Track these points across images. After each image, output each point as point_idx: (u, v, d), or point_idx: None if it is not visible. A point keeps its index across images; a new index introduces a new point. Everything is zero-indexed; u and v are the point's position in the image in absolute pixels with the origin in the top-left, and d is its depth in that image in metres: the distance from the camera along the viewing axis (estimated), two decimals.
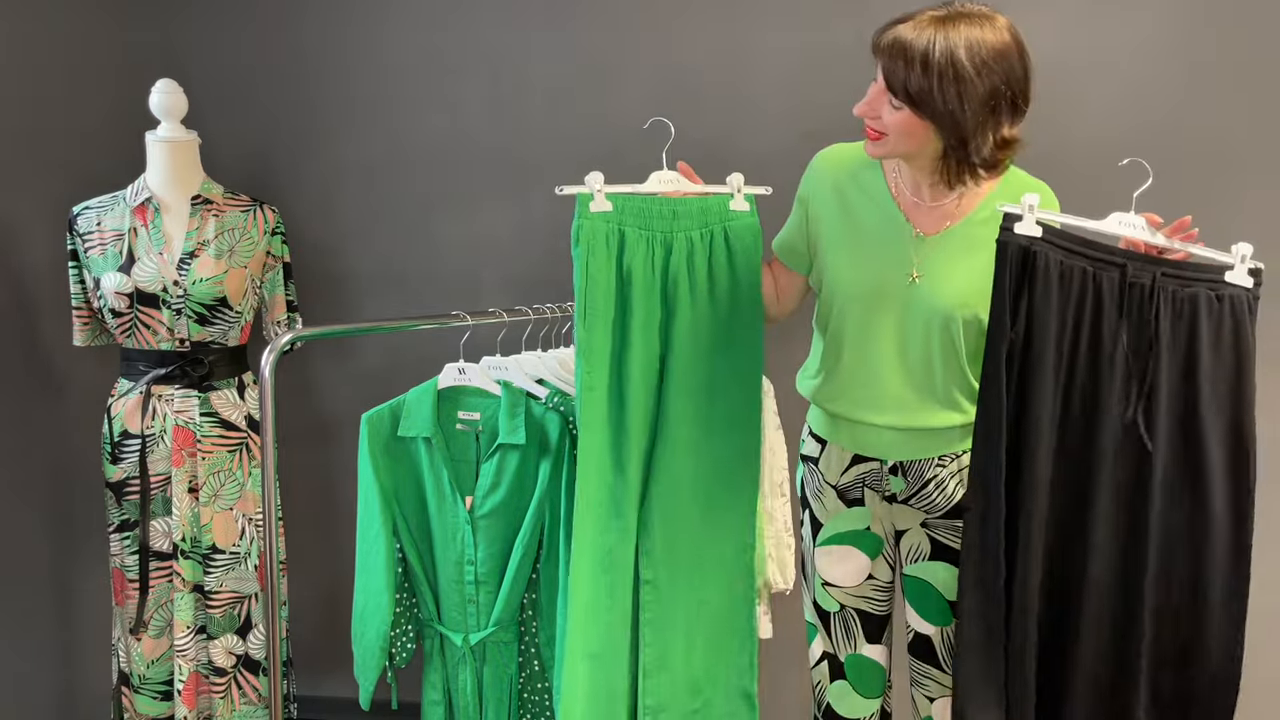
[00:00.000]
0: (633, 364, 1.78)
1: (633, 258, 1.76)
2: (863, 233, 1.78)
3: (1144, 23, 2.35)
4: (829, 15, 2.48)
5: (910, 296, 1.73)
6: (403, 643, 2.04)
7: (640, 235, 1.77)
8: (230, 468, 2.32)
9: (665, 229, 1.78)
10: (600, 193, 1.74)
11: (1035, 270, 1.60)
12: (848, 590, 1.92)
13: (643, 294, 1.77)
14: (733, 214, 1.80)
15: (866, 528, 1.89)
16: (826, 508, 1.91)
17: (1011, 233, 1.61)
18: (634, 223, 1.77)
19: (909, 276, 1.73)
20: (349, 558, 2.03)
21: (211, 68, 2.72)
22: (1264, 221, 2.34)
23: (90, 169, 2.50)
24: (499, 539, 1.94)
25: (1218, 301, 1.62)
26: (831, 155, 1.85)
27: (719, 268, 1.80)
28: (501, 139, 2.69)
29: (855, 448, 1.86)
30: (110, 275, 2.24)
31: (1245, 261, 1.63)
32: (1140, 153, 2.33)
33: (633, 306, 1.77)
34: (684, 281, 1.78)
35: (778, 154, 2.54)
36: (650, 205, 1.78)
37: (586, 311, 1.76)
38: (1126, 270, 1.61)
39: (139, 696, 2.35)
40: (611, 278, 1.77)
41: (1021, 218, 1.60)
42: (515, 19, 2.63)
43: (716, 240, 1.80)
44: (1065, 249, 1.62)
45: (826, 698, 1.96)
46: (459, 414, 1.97)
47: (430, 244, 2.74)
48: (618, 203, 1.76)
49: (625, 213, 1.76)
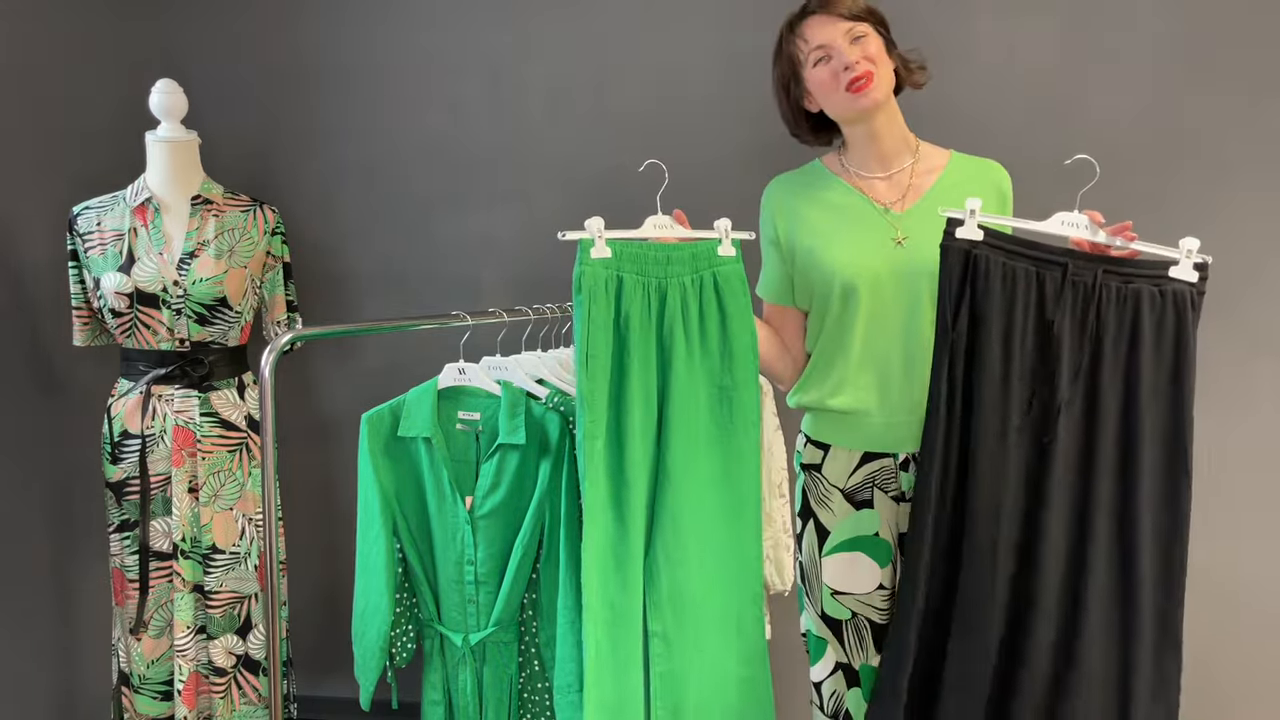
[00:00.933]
0: (632, 412, 1.77)
1: (630, 304, 1.76)
2: (837, 218, 1.85)
3: (1142, 25, 2.35)
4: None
5: (902, 260, 1.79)
6: (403, 643, 2.04)
7: (637, 281, 1.77)
8: (230, 468, 2.32)
9: (660, 274, 1.78)
10: (601, 239, 1.75)
11: (977, 272, 1.65)
12: (858, 598, 1.89)
13: (640, 340, 1.77)
14: (720, 259, 1.82)
15: (875, 533, 1.88)
16: (834, 513, 1.89)
17: (953, 237, 1.66)
18: (631, 269, 1.77)
19: (894, 241, 1.80)
20: (349, 558, 2.03)
21: (211, 68, 2.72)
22: (1260, 222, 2.35)
23: (90, 169, 2.51)
24: (499, 539, 1.94)
25: (1160, 297, 1.63)
26: (777, 182, 1.96)
27: (710, 314, 1.80)
28: (501, 139, 2.69)
29: (864, 445, 1.86)
30: (110, 275, 2.24)
31: (1191, 256, 1.64)
32: (1137, 153, 2.35)
33: (631, 353, 1.77)
34: (679, 327, 1.78)
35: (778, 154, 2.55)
36: (646, 251, 1.78)
37: (589, 359, 1.75)
38: (1068, 269, 1.64)
39: (139, 696, 2.35)
40: (610, 324, 1.76)
41: (964, 222, 1.66)
42: (515, 19, 2.63)
43: (706, 285, 1.81)
44: (1008, 250, 1.66)
45: (845, 705, 1.93)
46: (459, 414, 1.97)
47: (430, 244, 2.74)
48: (616, 249, 1.76)
49: (623, 259, 1.77)
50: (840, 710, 1.94)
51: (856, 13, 1.78)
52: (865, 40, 1.78)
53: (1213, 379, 2.38)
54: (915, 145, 1.89)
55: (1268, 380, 2.39)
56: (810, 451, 1.93)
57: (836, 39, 1.77)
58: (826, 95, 1.82)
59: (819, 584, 1.92)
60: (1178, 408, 1.65)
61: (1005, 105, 2.41)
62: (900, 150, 1.86)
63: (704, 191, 2.59)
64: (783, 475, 2.21)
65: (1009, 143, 2.12)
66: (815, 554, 1.92)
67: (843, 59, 1.77)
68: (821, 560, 1.91)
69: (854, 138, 1.87)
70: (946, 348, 1.67)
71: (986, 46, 2.41)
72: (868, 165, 1.86)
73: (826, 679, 1.94)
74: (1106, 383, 1.65)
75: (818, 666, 1.95)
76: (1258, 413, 2.39)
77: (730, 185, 2.58)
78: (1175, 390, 1.65)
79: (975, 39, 2.42)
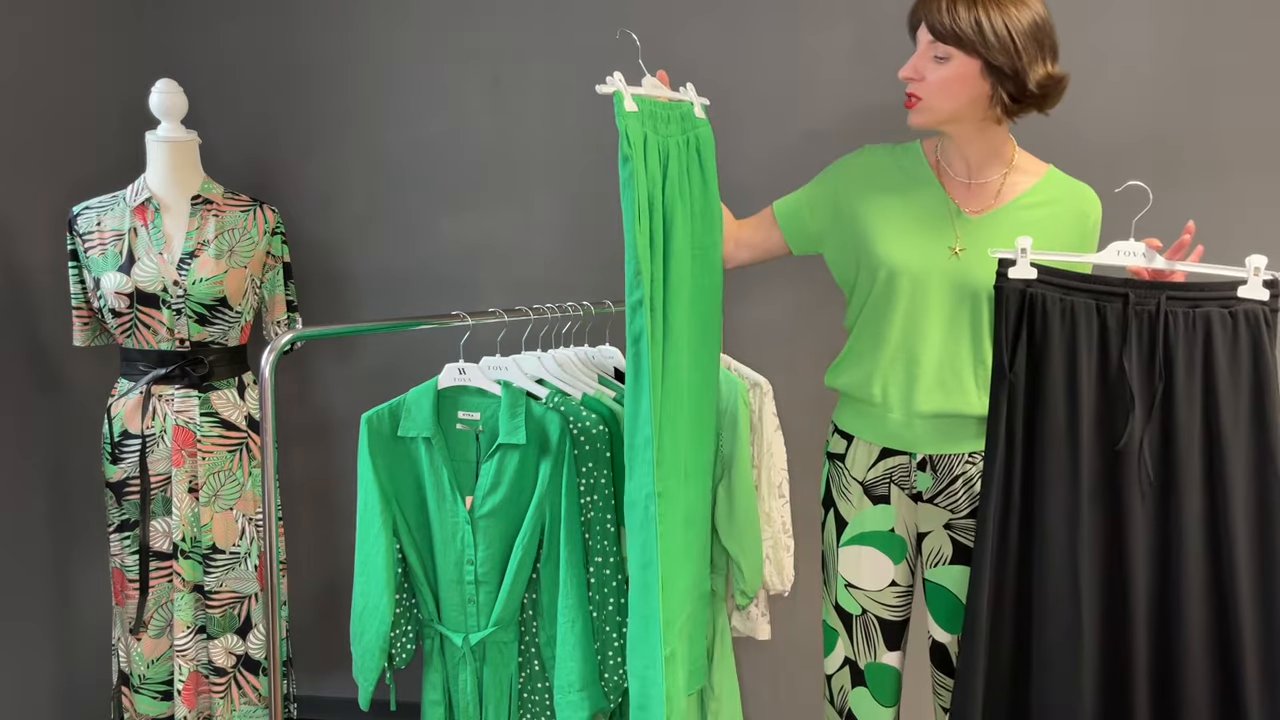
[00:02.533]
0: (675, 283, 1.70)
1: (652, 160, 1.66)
2: (905, 209, 1.82)
3: (1146, 26, 2.35)
4: (829, 16, 2.48)
5: (953, 271, 1.76)
6: (402, 643, 2.05)
7: (653, 141, 1.66)
8: (230, 468, 2.32)
9: (665, 133, 1.69)
10: (629, 94, 1.61)
11: (1034, 310, 1.59)
12: (870, 594, 1.90)
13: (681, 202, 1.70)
14: (699, 122, 1.79)
15: (891, 529, 1.88)
16: (853, 504, 1.90)
17: (1006, 277, 1.61)
18: (650, 125, 1.67)
19: (950, 250, 1.77)
20: (349, 558, 2.03)
21: (211, 68, 2.73)
22: (1260, 224, 2.35)
23: (90, 169, 2.51)
24: (499, 539, 1.94)
25: (1231, 319, 1.56)
26: (870, 150, 1.91)
27: (694, 174, 1.76)
28: (501, 139, 2.69)
29: (884, 441, 1.86)
30: (110, 275, 2.24)
31: (1259, 274, 1.56)
32: (1143, 156, 2.35)
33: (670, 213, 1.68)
34: (676, 188, 1.70)
35: (779, 153, 2.55)
36: (658, 108, 1.69)
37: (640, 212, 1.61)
38: (1129, 299, 1.57)
39: (139, 696, 2.35)
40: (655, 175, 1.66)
41: (1015, 261, 1.61)
42: (515, 19, 2.63)
43: (691, 146, 1.76)
44: (1064, 286, 1.60)
45: (849, 704, 1.95)
46: (459, 414, 1.97)
47: (430, 244, 2.74)
48: (641, 105, 1.64)
49: (644, 116, 1.65)
50: (844, 707, 1.95)
51: (945, 34, 1.68)
52: (946, 64, 1.69)
53: None
54: (1011, 158, 1.82)
55: None
56: (836, 441, 1.95)
57: (922, 46, 1.74)
58: None
59: (835, 574, 1.94)
60: (1264, 431, 1.55)
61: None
62: (988, 163, 1.81)
63: None
64: (783, 476, 2.21)
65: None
66: (834, 543, 1.94)
67: (902, 71, 1.75)
68: (839, 550, 1.92)
69: (946, 135, 1.83)
70: (1004, 390, 1.61)
71: None
72: (955, 166, 1.83)
73: (835, 673, 1.96)
74: (1182, 416, 1.56)
75: (830, 659, 1.97)
76: None
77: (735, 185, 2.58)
78: (1258, 415, 1.55)
79: None
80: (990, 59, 1.67)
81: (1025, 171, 1.82)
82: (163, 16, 2.75)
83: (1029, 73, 1.68)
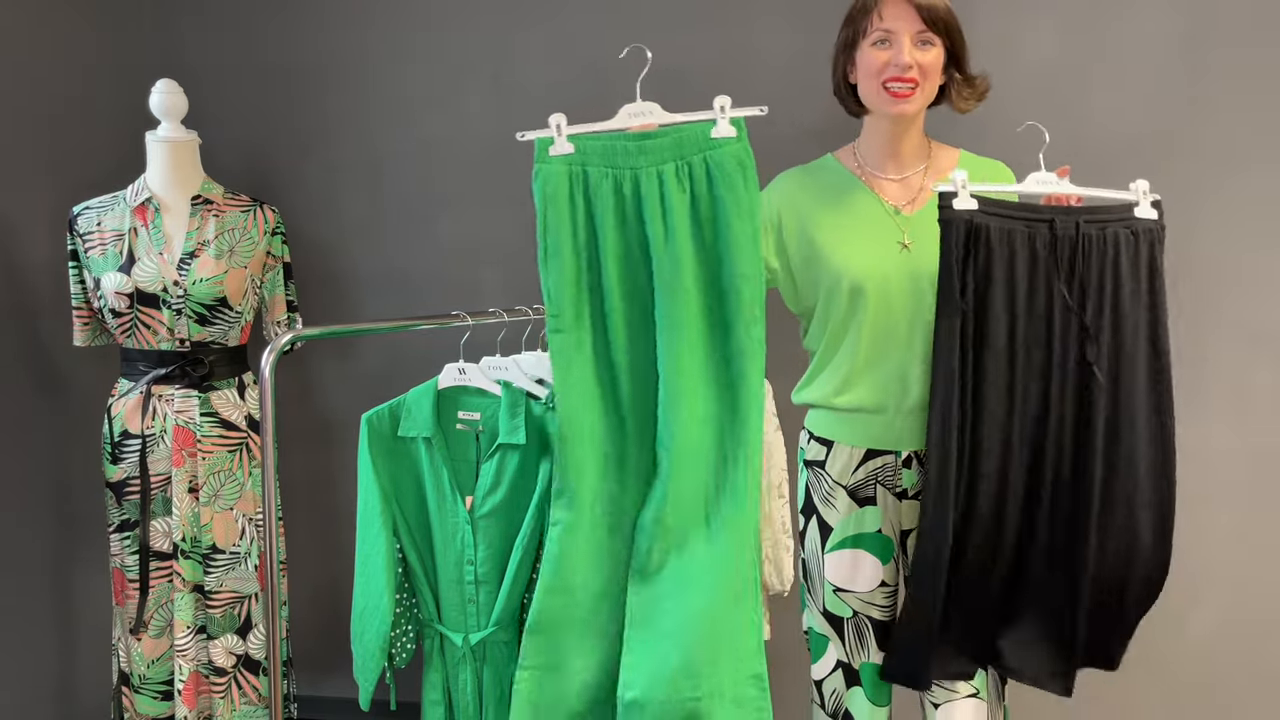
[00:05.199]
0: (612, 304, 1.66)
1: (596, 197, 1.62)
2: (846, 219, 1.86)
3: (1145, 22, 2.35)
4: (829, 15, 2.48)
5: (906, 265, 1.81)
6: (403, 643, 2.05)
7: (604, 173, 1.60)
8: (230, 468, 2.33)
9: (632, 164, 1.62)
10: (561, 134, 1.58)
11: (978, 240, 1.71)
12: (860, 596, 1.90)
13: (614, 233, 1.63)
14: (715, 142, 1.63)
15: (878, 530, 1.88)
16: (838, 510, 1.90)
17: (952, 209, 1.71)
18: (598, 162, 1.61)
19: (899, 244, 1.82)
20: (349, 558, 2.03)
21: (211, 68, 2.72)
22: (1260, 222, 2.35)
23: (90, 169, 2.51)
24: (499, 539, 1.94)
25: (1133, 236, 1.76)
26: (785, 176, 1.96)
27: (701, 202, 1.63)
28: (501, 139, 2.68)
29: (866, 442, 1.87)
30: (110, 275, 2.24)
31: (1147, 195, 1.77)
32: (1142, 151, 2.35)
33: (604, 246, 1.64)
34: (657, 219, 1.62)
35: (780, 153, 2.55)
36: (614, 142, 1.62)
37: (548, 256, 1.63)
38: (1054, 224, 1.73)
39: (139, 696, 2.35)
40: (572, 220, 1.63)
41: (956, 194, 1.71)
42: (515, 19, 2.63)
43: (697, 172, 1.63)
44: (1002, 215, 1.73)
45: (845, 705, 1.93)
46: (459, 414, 1.97)
47: (430, 244, 2.74)
48: (579, 143, 1.60)
49: (588, 153, 1.61)
50: (840, 709, 1.94)
51: (934, 18, 1.74)
52: (928, 50, 1.77)
53: (1212, 379, 2.38)
54: (929, 149, 1.90)
55: (1267, 380, 2.38)
56: (814, 448, 1.94)
57: (904, 33, 1.75)
58: (866, 79, 1.81)
59: (821, 581, 1.93)
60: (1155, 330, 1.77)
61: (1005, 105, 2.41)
62: (915, 155, 1.88)
63: None
64: (783, 476, 2.20)
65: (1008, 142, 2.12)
66: (818, 550, 1.93)
67: (901, 58, 1.76)
68: (824, 557, 1.91)
69: (875, 131, 1.88)
70: (956, 319, 1.70)
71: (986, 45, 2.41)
72: (882, 165, 1.87)
73: (827, 677, 1.94)
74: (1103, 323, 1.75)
75: (819, 664, 1.95)
76: (1256, 412, 2.39)
77: None
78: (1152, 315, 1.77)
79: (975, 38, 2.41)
80: (957, 49, 1.80)
81: (942, 160, 1.89)
82: (163, 17, 2.75)
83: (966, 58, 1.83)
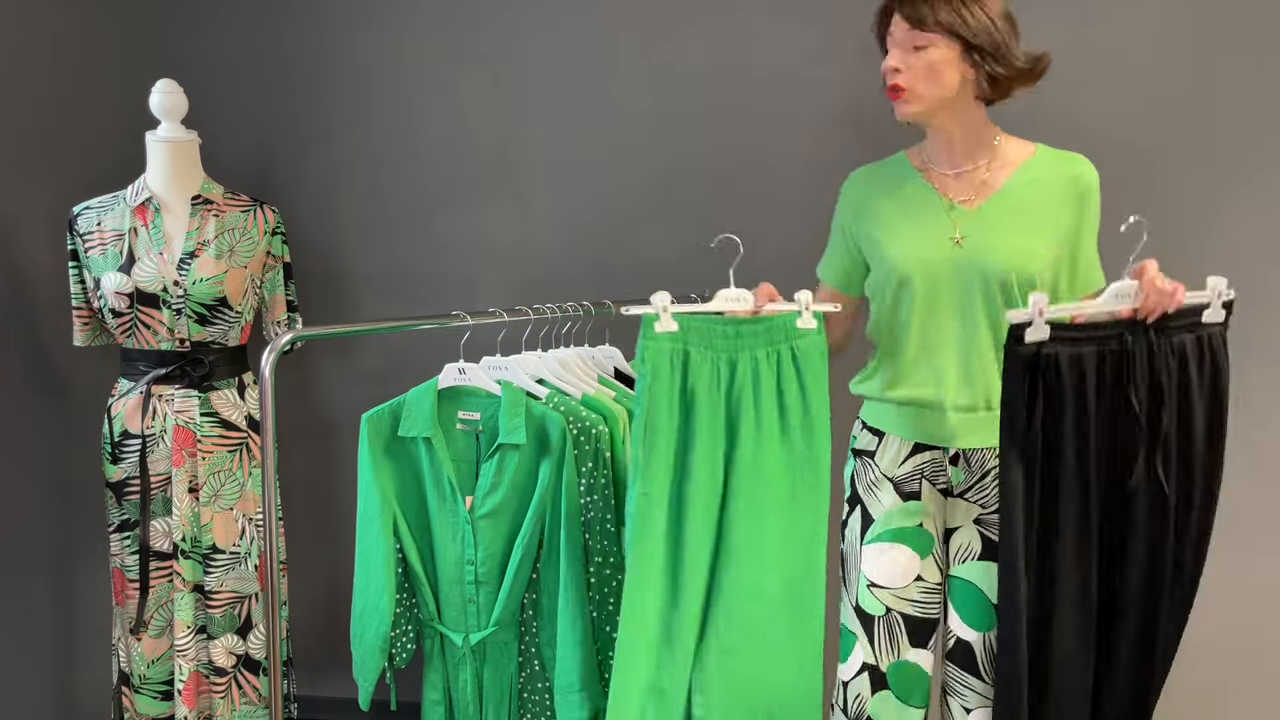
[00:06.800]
0: (697, 484, 1.75)
1: (697, 378, 1.74)
2: (900, 211, 1.86)
3: (1150, 17, 2.35)
4: (830, 15, 2.48)
5: (957, 260, 1.78)
6: (403, 643, 2.05)
7: (704, 355, 1.74)
8: (230, 468, 2.32)
9: (729, 348, 1.75)
10: (666, 313, 1.71)
11: (1047, 369, 1.65)
12: (894, 592, 1.87)
13: (707, 413, 1.75)
14: (799, 332, 1.76)
15: (919, 524, 1.87)
16: (881, 502, 1.89)
17: (1021, 342, 1.65)
18: (699, 343, 1.74)
19: (951, 241, 1.79)
20: (349, 558, 2.03)
21: (211, 68, 2.72)
22: (1262, 222, 2.35)
23: (90, 169, 2.50)
24: (499, 539, 1.94)
25: (1198, 343, 1.68)
26: (858, 173, 1.97)
27: (789, 387, 1.76)
28: (501, 139, 2.69)
29: (916, 436, 1.86)
30: (110, 275, 2.24)
31: (1220, 297, 1.67)
32: (1147, 146, 2.35)
33: (697, 425, 1.74)
34: (748, 400, 1.75)
35: (780, 154, 2.55)
36: (713, 325, 1.75)
37: (648, 431, 1.73)
38: (1125, 340, 1.66)
39: (139, 696, 2.35)
40: (675, 397, 1.74)
41: (1030, 322, 1.64)
42: (515, 19, 2.63)
43: (784, 359, 1.76)
44: (1072, 339, 1.66)
45: (867, 711, 1.88)
46: (459, 414, 1.97)
47: (430, 244, 2.74)
48: (682, 323, 1.73)
49: (690, 333, 1.73)
50: (862, 713, 1.90)
51: (926, 23, 1.72)
52: (926, 52, 1.73)
53: None
54: (993, 143, 1.84)
55: (1266, 379, 2.38)
56: (865, 437, 1.94)
57: (900, 39, 1.76)
58: None
59: (857, 573, 1.91)
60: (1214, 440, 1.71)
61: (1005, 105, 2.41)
62: (973, 150, 1.83)
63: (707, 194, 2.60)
64: None
65: None
66: (857, 541, 1.91)
67: (886, 63, 1.77)
68: (862, 549, 1.90)
69: (928, 131, 1.86)
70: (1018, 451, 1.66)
71: None
72: (940, 161, 1.85)
73: (853, 679, 1.90)
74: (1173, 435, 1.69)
75: (846, 665, 1.91)
76: (1258, 420, 2.39)
77: (734, 186, 2.58)
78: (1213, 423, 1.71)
79: None
80: (973, 41, 1.72)
81: (1011, 154, 1.84)
82: (163, 17, 2.75)
83: (1008, 53, 1.74)
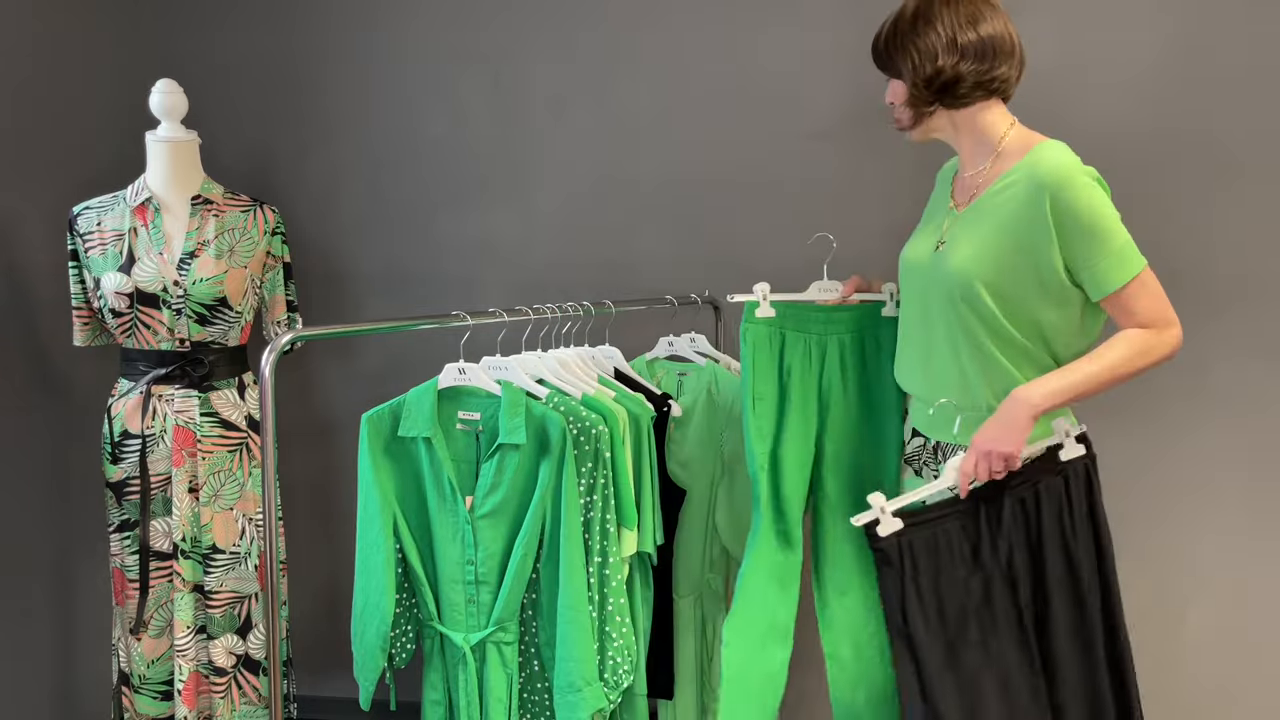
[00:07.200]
0: (789, 450, 2.05)
1: (791, 357, 2.05)
2: (929, 211, 1.97)
3: (1142, 26, 2.35)
4: (830, 16, 2.49)
5: (932, 264, 1.83)
6: (403, 643, 2.05)
7: (798, 338, 2.05)
8: (230, 468, 2.32)
9: (820, 331, 2.05)
10: (765, 300, 2.02)
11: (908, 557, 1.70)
12: None
13: (799, 388, 2.05)
14: (884, 320, 2.04)
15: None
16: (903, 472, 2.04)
17: (879, 538, 1.70)
18: (793, 326, 2.05)
19: (937, 244, 1.84)
20: (349, 558, 2.03)
21: (211, 68, 2.73)
22: (1260, 223, 2.35)
23: (90, 169, 2.51)
24: (499, 539, 1.94)
25: (1063, 481, 1.71)
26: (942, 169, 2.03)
27: (871, 363, 2.05)
28: (502, 139, 2.69)
29: (913, 421, 1.96)
30: (110, 275, 2.24)
31: (1069, 435, 1.72)
32: (1137, 153, 2.35)
33: (791, 398, 2.05)
34: (837, 378, 2.05)
35: (780, 154, 2.55)
36: (807, 311, 2.05)
37: (756, 400, 2.04)
38: (979, 506, 1.72)
39: (139, 696, 2.35)
40: (774, 372, 2.05)
41: (879, 520, 1.70)
42: (515, 19, 2.63)
43: (868, 342, 2.05)
44: (927, 521, 1.71)
45: None
46: (459, 414, 1.97)
47: (430, 244, 2.74)
48: (779, 309, 2.03)
49: (785, 318, 2.04)
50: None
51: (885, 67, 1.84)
52: (891, 86, 1.84)
53: (1211, 381, 2.38)
54: (997, 145, 1.79)
55: (1265, 382, 2.38)
56: None
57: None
58: None
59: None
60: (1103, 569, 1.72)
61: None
62: (976, 155, 1.83)
63: (707, 194, 2.60)
64: None
65: None
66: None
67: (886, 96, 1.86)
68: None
69: None
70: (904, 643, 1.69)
71: None
72: (961, 163, 1.90)
73: None
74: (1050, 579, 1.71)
75: None
76: (1258, 415, 2.39)
77: (734, 186, 2.58)
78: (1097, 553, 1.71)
79: None
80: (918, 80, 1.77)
81: (1009, 155, 1.77)
82: (162, 17, 2.75)
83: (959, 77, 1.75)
